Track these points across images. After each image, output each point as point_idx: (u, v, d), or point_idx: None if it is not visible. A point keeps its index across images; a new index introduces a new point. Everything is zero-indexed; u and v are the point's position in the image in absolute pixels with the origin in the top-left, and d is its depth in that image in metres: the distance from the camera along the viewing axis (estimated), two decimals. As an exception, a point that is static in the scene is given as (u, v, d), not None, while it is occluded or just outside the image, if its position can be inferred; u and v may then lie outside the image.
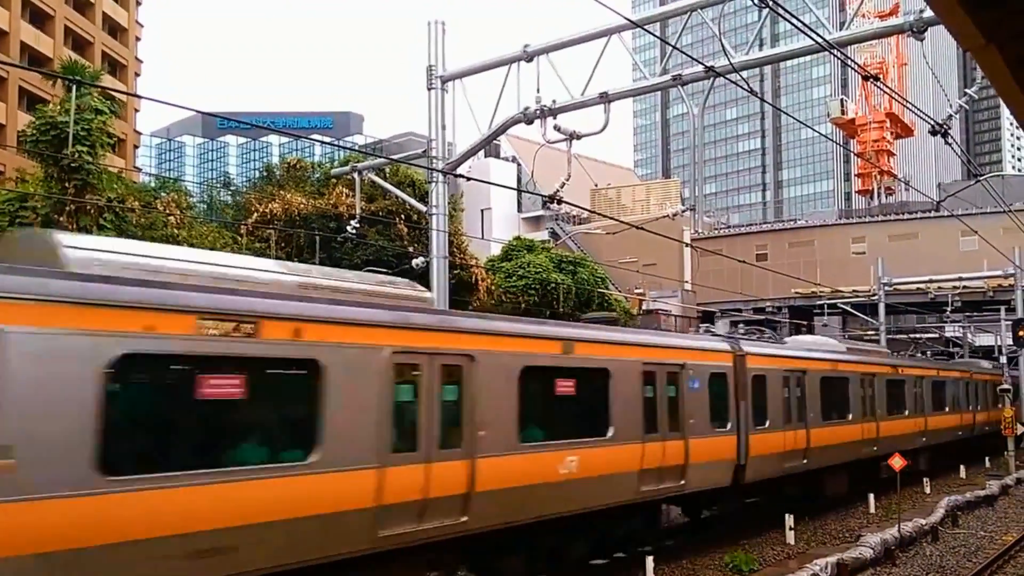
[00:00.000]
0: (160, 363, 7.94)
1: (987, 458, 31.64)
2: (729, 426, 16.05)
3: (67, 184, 23.03)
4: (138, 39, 62.02)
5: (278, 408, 9.11)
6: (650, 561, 12.71)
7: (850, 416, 21.30)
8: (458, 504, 10.27)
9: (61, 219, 23.02)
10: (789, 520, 16.70)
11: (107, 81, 46.78)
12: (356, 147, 62.47)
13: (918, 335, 51.69)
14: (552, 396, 12.39)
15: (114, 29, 58.57)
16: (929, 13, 13.37)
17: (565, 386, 12.57)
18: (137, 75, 61.12)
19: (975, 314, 47.70)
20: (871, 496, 20.66)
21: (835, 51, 13.94)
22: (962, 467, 28.48)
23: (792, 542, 16.40)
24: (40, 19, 50.26)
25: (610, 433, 12.97)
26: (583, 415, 13.07)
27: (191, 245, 25.86)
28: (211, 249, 26.70)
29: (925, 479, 24.48)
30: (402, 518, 9.55)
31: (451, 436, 10.34)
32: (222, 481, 7.95)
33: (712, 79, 16.23)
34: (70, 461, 7.01)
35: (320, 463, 8.78)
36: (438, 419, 10.17)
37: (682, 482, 14.48)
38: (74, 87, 22.33)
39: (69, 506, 6.96)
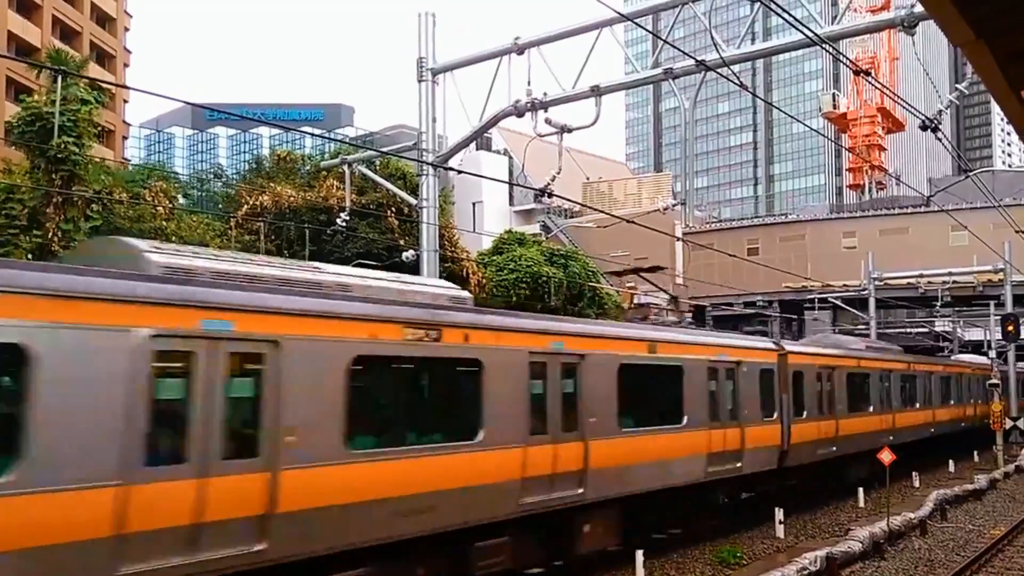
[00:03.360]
0: (380, 362, 9.90)
1: (976, 452, 31.81)
2: (775, 416, 17.94)
3: (54, 175, 22.86)
4: (127, 29, 61.60)
5: (455, 397, 11.21)
6: (639, 555, 12.69)
7: (871, 408, 23.51)
8: (576, 479, 12.11)
9: (48, 211, 22.85)
10: (779, 514, 16.74)
11: (95, 71, 46.48)
12: (346, 139, 62.25)
13: (908, 330, 51.95)
14: (641, 389, 14.16)
15: (102, 19, 58.13)
16: (920, 8, 13.35)
17: (650, 380, 14.63)
18: (126, 66, 60.72)
19: (965, 309, 47.90)
20: (860, 490, 20.73)
21: (827, 46, 13.92)
22: (951, 461, 28.61)
23: (782, 536, 16.43)
24: (27, 8, 49.84)
25: (684, 421, 14.80)
26: (664, 405, 14.96)
27: (180, 237, 25.70)
28: (201, 241, 26.58)
29: (914, 473, 24.58)
30: (538, 489, 11.42)
31: (570, 422, 12.19)
32: (425, 455, 10.00)
33: (703, 73, 16.19)
34: (329, 438, 8.90)
35: (483, 443, 10.65)
36: (560, 408, 12.04)
37: (739, 465, 16.35)
38: (59, 77, 22.14)
39: (330, 472, 8.82)
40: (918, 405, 27.25)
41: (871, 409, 23.37)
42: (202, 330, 7.99)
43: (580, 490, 12.24)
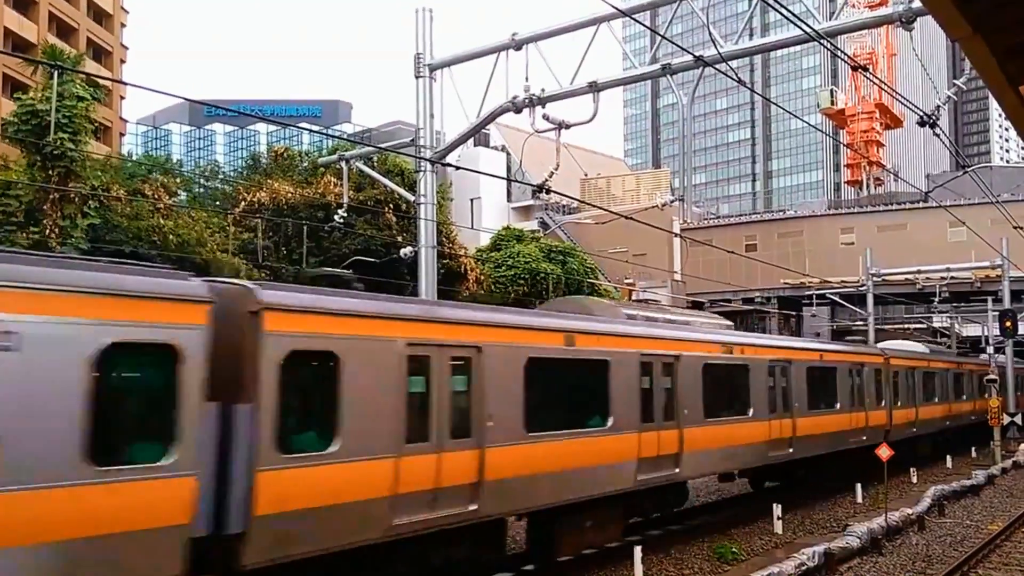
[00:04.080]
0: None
1: (973, 448, 31.85)
2: (883, 403, 23.68)
3: (50, 172, 22.81)
4: (123, 25, 61.42)
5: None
6: (638, 551, 12.70)
7: (936, 400, 28.94)
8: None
9: (45, 207, 22.81)
10: (777, 510, 16.75)
11: (92, 67, 46.36)
12: (344, 136, 62.13)
13: (906, 326, 51.97)
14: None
15: (99, 15, 57.96)
16: (918, 3, 13.33)
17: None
18: (123, 62, 60.55)
19: (962, 305, 47.95)
20: (858, 486, 20.75)
21: (824, 41, 13.89)
22: (948, 457, 28.65)
23: (780, 532, 16.44)
24: (24, 4, 49.66)
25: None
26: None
27: (177, 235, 25.66)
28: (198, 239, 26.54)
29: (912, 468, 24.62)
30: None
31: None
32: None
33: (701, 69, 16.17)
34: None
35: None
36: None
37: (864, 437, 21.73)
38: (55, 73, 22.08)
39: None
40: (964, 397, 32.75)
41: (936, 400, 28.92)
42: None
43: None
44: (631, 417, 13.38)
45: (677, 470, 14.44)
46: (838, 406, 20.72)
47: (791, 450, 18.27)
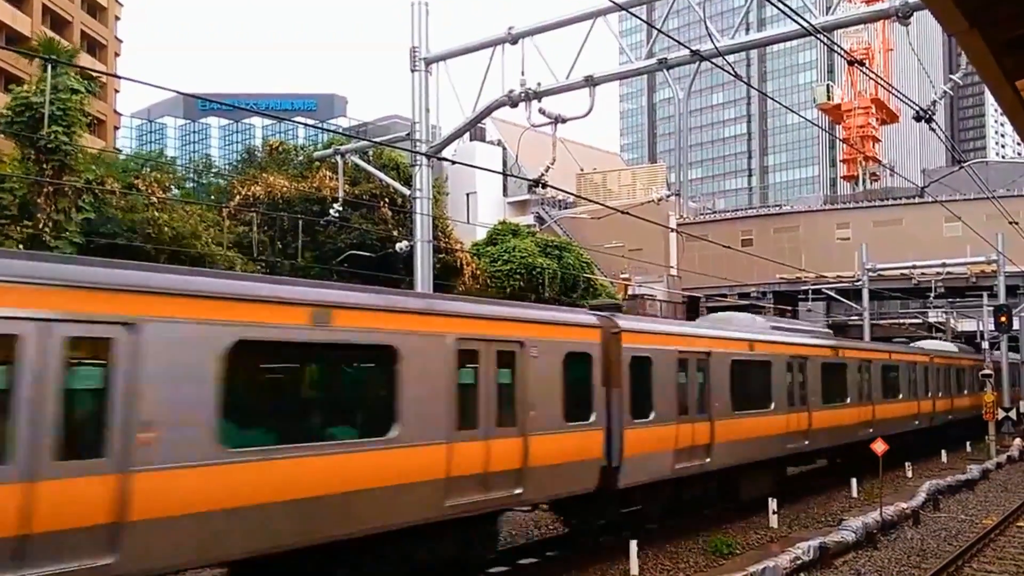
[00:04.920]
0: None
1: (968, 443, 31.94)
2: (929, 394, 28.38)
3: (44, 165, 22.68)
4: (118, 18, 61.21)
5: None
6: (633, 545, 12.71)
7: (966, 391, 33.04)
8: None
9: (39, 201, 22.68)
10: (772, 504, 16.78)
11: (86, 61, 46.16)
12: (340, 130, 62.01)
13: (901, 321, 52.07)
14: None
15: (93, 8, 57.73)
16: (915, -3, 13.30)
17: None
18: (117, 55, 60.35)
19: (958, 300, 48.04)
20: (853, 481, 20.80)
21: (821, 36, 13.87)
22: (943, 452, 28.72)
23: (775, 526, 16.47)
24: (18, -3, 49.47)
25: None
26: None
27: (172, 228, 25.56)
28: (193, 232, 26.44)
29: (907, 463, 24.68)
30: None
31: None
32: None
33: (698, 63, 16.13)
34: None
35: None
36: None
37: (915, 422, 26.89)
38: (49, 66, 21.95)
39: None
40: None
41: (966, 392, 33.06)
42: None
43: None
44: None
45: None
46: (901, 396, 26.02)
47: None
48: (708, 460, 15.40)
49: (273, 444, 8.45)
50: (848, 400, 21.85)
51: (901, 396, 25.88)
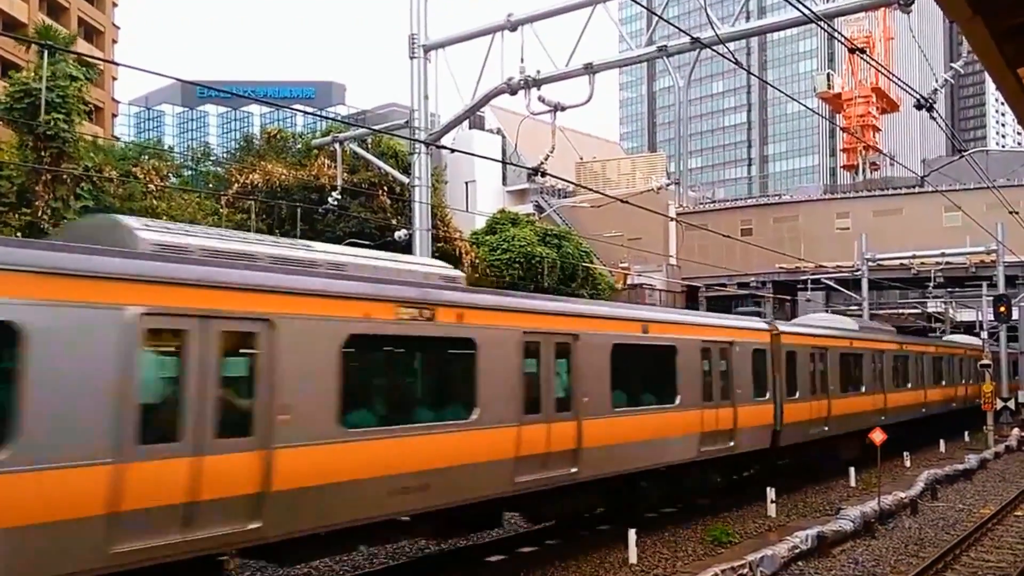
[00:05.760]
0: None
1: (966, 433, 32.01)
2: (964, 380, 34.11)
3: (43, 153, 22.60)
4: (115, 5, 60.90)
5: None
6: (632, 533, 12.73)
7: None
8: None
9: (38, 188, 22.63)
10: (771, 493, 16.82)
11: (84, 48, 45.94)
12: (338, 117, 61.76)
13: (900, 311, 52.05)
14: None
15: (91, -5, 57.41)
16: (918, -15, 13.21)
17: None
18: (114, 42, 60.07)
19: (957, 290, 48.00)
20: (851, 470, 20.85)
21: (822, 23, 13.79)
22: (942, 441, 28.78)
23: (773, 515, 16.51)
24: (15, -16, 49.16)
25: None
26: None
27: (170, 217, 25.49)
28: (191, 220, 26.37)
29: (905, 453, 24.72)
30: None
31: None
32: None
33: (698, 51, 16.05)
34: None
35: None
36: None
37: (952, 404, 32.21)
38: (46, 53, 21.83)
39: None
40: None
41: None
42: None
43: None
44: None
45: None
46: (944, 383, 31.19)
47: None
48: (826, 428, 20.17)
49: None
50: (909, 385, 27.16)
51: (944, 383, 31.44)
